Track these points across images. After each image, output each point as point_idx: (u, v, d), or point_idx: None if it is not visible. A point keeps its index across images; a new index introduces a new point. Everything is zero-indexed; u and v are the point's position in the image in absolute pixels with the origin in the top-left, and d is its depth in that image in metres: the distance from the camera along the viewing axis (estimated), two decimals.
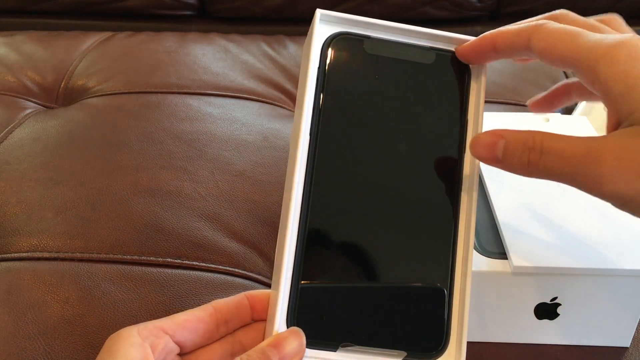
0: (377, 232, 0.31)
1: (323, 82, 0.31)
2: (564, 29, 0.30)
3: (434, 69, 0.33)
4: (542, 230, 0.38)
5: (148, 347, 0.29)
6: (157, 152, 0.55)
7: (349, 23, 0.32)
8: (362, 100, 0.32)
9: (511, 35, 0.31)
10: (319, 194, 0.31)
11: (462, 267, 0.32)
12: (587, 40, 0.29)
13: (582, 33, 0.29)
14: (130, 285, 0.43)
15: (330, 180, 0.31)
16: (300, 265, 0.30)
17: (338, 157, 0.31)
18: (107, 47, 0.79)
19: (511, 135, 0.29)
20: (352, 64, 0.32)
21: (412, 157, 0.32)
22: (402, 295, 0.31)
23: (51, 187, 0.51)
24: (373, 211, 0.31)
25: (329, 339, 0.30)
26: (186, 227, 0.48)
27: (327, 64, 0.32)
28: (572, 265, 0.35)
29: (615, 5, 0.98)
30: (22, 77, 0.72)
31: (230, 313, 0.33)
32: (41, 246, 0.46)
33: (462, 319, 0.32)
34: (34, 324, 0.39)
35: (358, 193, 0.31)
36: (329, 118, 0.31)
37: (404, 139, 0.32)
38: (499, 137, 0.29)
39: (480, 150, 0.30)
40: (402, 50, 0.33)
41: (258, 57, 0.77)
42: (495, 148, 0.29)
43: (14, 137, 0.59)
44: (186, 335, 0.31)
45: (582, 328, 0.38)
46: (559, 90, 0.39)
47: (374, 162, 0.32)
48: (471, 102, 0.33)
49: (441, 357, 0.31)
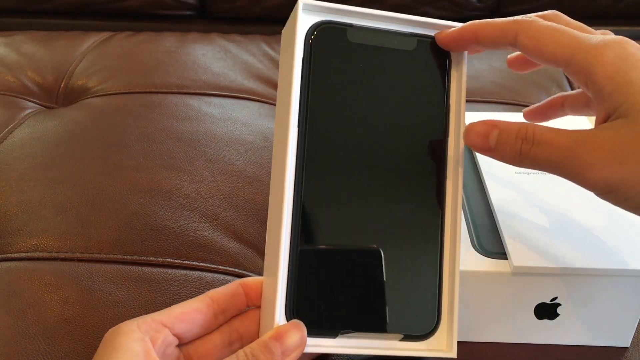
0: (369, 219, 0.32)
1: (308, 73, 0.31)
2: (554, 27, 0.30)
3: (415, 55, 0.33)
4: (542, 230, 0.38)
5: (148, 341, 0.30)
6: (157, 152, 0.55)
7: (332, 12, 0.32)
8: (347, 89, 0.32)
9: (495, 29, 0.31)
10: (311, 185, 0.31)
11: (451, 249, 0.33)
12: (578, 40, 0.29)
13: (571, 32, 0.30)
14: (130, 285, 0.43)
15: (320, 169, 0.31)
16: (296, 256, 0.31)
17: (327, 147, 0.32)
18: (107, 47, 0.79)
19: (504, 125, 0.30)
20: (336, 54, 0.32)
21: (398, 142, 0.33)
22: (395, 280, 0.32)
23: (51, 187, 0.51)
24: (364, 198, 0.32)
25: (328, 327, 0.31)
26: (186, 227, 0.48)
27: (312, 54, 0.31)
28: (572, 265, 0.35)
29: (615, 5, 0.98)
30: (22, 77, 0.72)
31: (227, 302, 0.34)
32: (41, 246, 0.46)
33: (452, 299, 0.33)
34: (33, 324, 0.39)
35: (348, 181, 0.32)
36: (316, 109, 0.31)
37: (390, 125, 0.33)
38: (492, 127, 0.31)
39: (473, 139, 0.31)
40: (384, 37, 0.33)
41: (258, 57, 0.77)
42: (488, 137, 0.31)
43: (14, 137, 0.59)
44: (184, 327, 0.32)
45: (582, 328, 0.38)
46: (553, 102, 0.40)
47: (362, 150, 0.32)
48: (452, 87, 0.34)
49: (434, 336, 0.33)
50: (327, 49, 0.32)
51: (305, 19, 0.32)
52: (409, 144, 0.33)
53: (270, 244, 0.33)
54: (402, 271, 0.32)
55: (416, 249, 0.33)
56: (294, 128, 0.31)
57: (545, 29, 0.30)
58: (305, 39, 0.32)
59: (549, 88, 0.71)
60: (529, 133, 0.29)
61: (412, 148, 0.33)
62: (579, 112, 0.39)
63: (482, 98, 0.68)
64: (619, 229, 0.38)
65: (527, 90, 0.70)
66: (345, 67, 0.32)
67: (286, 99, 0.32)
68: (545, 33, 0.30)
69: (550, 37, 0.30)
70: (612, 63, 0.28)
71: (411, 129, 0.33)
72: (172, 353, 0.32)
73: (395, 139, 0.33)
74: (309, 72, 0.31)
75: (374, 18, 0.33)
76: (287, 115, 0.31)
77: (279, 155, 0.32)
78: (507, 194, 0.41)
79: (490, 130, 0.31)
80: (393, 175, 0.33)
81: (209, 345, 0.33)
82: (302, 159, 0.31)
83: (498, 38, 0.31)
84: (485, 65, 0.75)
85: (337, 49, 0.32)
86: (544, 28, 0.30)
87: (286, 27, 0.34)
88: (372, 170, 0.32)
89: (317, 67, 0.31)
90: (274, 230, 0.32)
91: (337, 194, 0.32)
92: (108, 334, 0.30)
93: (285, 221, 0.31)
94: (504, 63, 0.76)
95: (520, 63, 0.37)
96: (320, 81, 0.32)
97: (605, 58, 0.28)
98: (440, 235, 0.33)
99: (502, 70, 0.74)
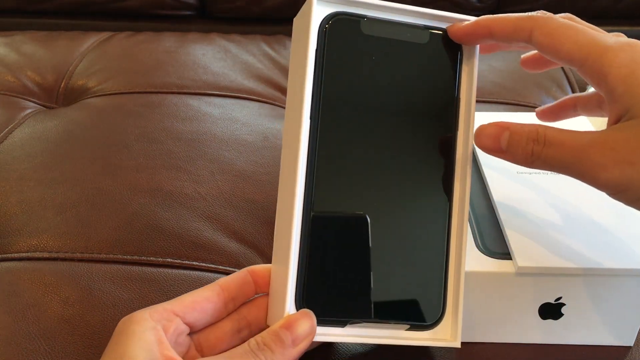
0: (378, 210, 0.33)
1: (322, 64, 0.31)
2: (570, 25, 0.30)
3: (428, 48, 0.33)
4: (546, 231, 0.38)
5: (161, 330, 0.30)
6: (157, 152, 0.55)
7: (346, 3, 0.32)
8: (360, 80, 0.32)
9: (510, 25, 0.31)
10: (323, 176, 0.31)
11: (457, 240, 0.34)
12: (594, 41, 0.30)
13: (588, 32, 0.30)
14: (130, 285, 0.42)
15: (332, 160, 0.32)
16: (307, 246, 0.31)
17: (339, 138, 0.32)
18: (107, 47, 0.79)
19: (515, 127, 0.31)
20: (350, 45, 0.32)
21: (409, 135, 0.33)
22: (403, 271, 0.33)
23: (51, 187, 0.51)
24: (374, 190, 0.33)
25: (337, 316, 0.32)
26: (186, 227, 0.47)
27: (325, 44, 0.32)
28: (577, 265, 0.35)
29: (615, 5, 0.98)
30: (22, 77, 0.72)
31: (236, 290, 0.34)
32: (41, 246, 0.46)
33: (457, 290, 0.34)
34: (34, 324, 0.39)
35: (360, 174, 0.32)
36: (329, 100, 0.32)
37: (401, 117, 0.33)
38: (504, 129, 0.31)
39: (484, 141, 0.31)
40: (397, 30, 0.33)
41: (258, 57, 0.77)
42: (499, 139, 0.31)
43: (14, 137, 0.59)
44: (196, 315, 0.33)
45: (586, 328, 0.38)
46: (566, 102, 0.41)
47: (373, 141, 0.32)
48: (463, 81, 0.34)
49: (439, 325, 0.34)
50: (341, 39, 0.32)
51: (319, 10, 0.32)
52: (420, 137, 0.33)
53: (280, 233, 0.33)
54: (410, 263, 0.33)
55: (423, 240, 0.33)
56: (307, 119, 0.31)
57: (562, 27, 0.30)
58: (320, 29, 0.32)
59: (549, 88, 0.71)
60: (540, 134, 0.30)
61: (423, 141, 0.33)
62: (591, 113, 0.39)
63: (482, 98, 0.68)
64: (623, 228, 0.38)
65: (527, 90, 0.70)
66: (358, 58, 0.32)
67: (299, 88, 0.32)
68: (561, 32, 0.30)
69: (567, 36, 0.30)
70: (626, 65, 0.28)
71: (422, 122, 0.33)
72: (184, 342, 0.33)
73: (405, 131, 0.33)
74: (322, 62, 0.31)
75: (387, 10, 0.33)
76: (300, 105, 0.31)
77: (291, 145, 0.32)
78: (510, 193, 0.41)
79: (501, 132, 0.31)
80: (403, 167, 0.33)
81: (219, 333, 0.34)
82: (314, 149, 0.31)
83: (512, 34, 0.31)
84: (485, 65, 0.75)
85: (350, 40, 0.32)
86: (560, 26, 0.30)
87: (298, 16, 0.34)
88: (382, 163, 0.33)
89: (330, 57, 0.32)
90: (284, 219, 0.32)
91: (348, 185, 0.32)
92: (121, 323, 0.31)
93: (296, 211, 0.31)
94: (504, 63, 0.77)
95: (535, 62, 0.37)
96: (333, 71, 0.32)
97: (619, 60, 0.29)
98: (448, 227, 0.34)
99: (502, 70, 0.74)
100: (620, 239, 0.37)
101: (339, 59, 0.32)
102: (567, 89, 0.72)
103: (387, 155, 0.33)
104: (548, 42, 0.30)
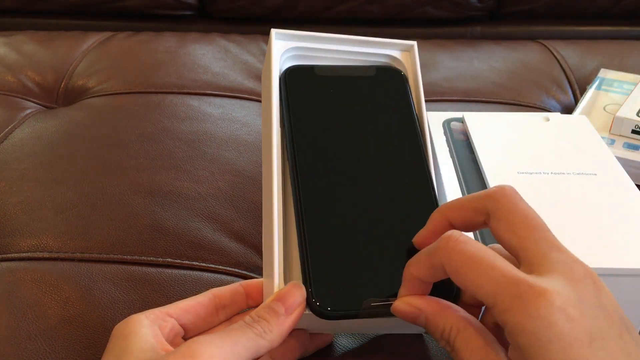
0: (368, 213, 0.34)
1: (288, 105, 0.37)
2: (480, 253, 0.27)
3: (377, 79, 0.40)
4: None
5: (157, 328, 0.32)
6: (157, 152, 0.55)
7: (300, 38, 0.39)
8: (325, 115, 0.37)
9: (424, 263, 0.29)
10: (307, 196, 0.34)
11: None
12: (507, 277, 0.26)
13: (501, 264, 0.26)
14: (130, 285, 0.42)
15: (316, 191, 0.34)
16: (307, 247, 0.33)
17: (315, 164, 0.35)
18: (107, 47, 0.79)
19: (430, 316, 0.29)
20: (308, 86, 0.38)
21: (379, 153, 0.37)
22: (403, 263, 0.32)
23: (51, 187, 0.51)
24: (360, 200, 0.35)
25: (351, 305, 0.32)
26: (186, 227, 0.48)
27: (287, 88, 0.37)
28: None
29: (615, 5, 0.98)
30: (22, 77, 0.72)
31: (227, 299, 0.36)
32: (41, 246, 0.46)
33: None
34: (34, 324, 0.39)
35: (340, 193, 0.35)
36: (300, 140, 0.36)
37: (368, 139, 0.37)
38: (419, 311, 0.30)
39: (402, 316, 0.31)
40: (346, 70, 0.39)
41: (258, 57, 0.77)
42: (417, 319, 0.30)
43: (14, 137, 0.59)
44: (190, 318, 0.34)
45: None
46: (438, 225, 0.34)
47: (349, 161, 0.36)
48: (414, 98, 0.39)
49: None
50: (299, 83, 0.38)
51: (278, 45, 0.38)
52: (389, 153, 0.37)
53: (266, 250, 0.35)
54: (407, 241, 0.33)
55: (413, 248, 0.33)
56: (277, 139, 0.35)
57: (471, 256, 0.27)
58: (280, 78, 0.38)
59: (549, 88, 0.71)
60: (452, 337, 0.28)
61: (393, 155, 0.37)
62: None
63: (482, 98, 0.68)
64: (622, 228, 0.38)
65: (527, 90, 0.70)
66: (318, 96, 0.38)
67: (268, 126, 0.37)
68: (470, 261, 0.27)
69: (473, 266, 0.27)
70: (542, 317, 0.25)
71: (388, 139, 0.37)
72: (179, 344, 0.33)
73: (375, 150, 0.36)
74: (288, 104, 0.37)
75: (335, 41, 0.40)
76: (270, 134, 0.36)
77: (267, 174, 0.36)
78: None
79: (417, 314, 0.30)
80: (383, 173, 0.36)
81: None
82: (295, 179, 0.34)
83: (426, 277, 0.30)
84: (485, 65, 0.75)
85: (308, 83, 0.38)
86: (469, 254, 0.27)
87: (264, 66, 0.40)
88: (364, 175, 0.35)
89: (292, 100, 0.37)
90: (267, 235, 0.34)
91: (332, 204, 0.34)
92: (117, 326, 0.32)
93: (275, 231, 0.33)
94: (504, 63, 0.77)
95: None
96: (300, 114, 0.37)
97: (536, 309, 0.25)
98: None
99: (502, 70, 0.74)
100: (620, 239, 0.37)
101: (301, 99, 0.37)
102: (567, 90, 0.72)
103: (366, 170, 0.36)
104: (456, 279, 0.28)
